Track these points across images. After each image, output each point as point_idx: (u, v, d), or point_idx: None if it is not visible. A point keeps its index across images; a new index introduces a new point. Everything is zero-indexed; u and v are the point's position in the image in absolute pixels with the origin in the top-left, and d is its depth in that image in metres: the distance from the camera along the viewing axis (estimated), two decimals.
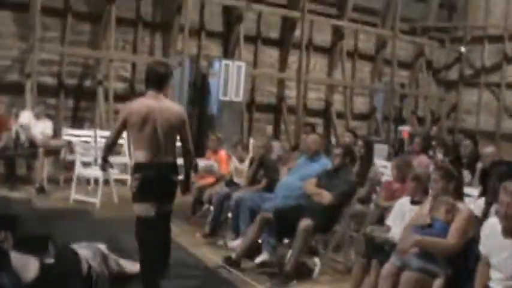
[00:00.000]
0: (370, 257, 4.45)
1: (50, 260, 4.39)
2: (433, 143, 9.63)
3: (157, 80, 4.81)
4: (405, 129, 13.50)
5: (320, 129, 13.90)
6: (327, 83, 14.18)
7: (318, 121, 14.07)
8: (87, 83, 11.38)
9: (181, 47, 11.71)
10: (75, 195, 8.45)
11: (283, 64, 13.43)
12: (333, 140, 13.24)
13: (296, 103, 13.23)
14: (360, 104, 14.99)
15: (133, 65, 11.83)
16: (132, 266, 5.13)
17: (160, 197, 4.65)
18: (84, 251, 4.75)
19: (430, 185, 4.40)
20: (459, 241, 4.06)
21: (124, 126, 4.68)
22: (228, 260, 5.66)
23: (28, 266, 4.20)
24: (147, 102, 4.73)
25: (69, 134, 10.34)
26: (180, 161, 4.94)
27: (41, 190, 8.82)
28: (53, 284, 4.20)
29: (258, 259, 5.82)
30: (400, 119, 14.85)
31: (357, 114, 14.71)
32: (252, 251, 5.88)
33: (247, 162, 7.40)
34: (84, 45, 11.24)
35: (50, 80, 11.04)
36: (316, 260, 5.72)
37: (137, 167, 4.67)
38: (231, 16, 12.47)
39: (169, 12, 11.89)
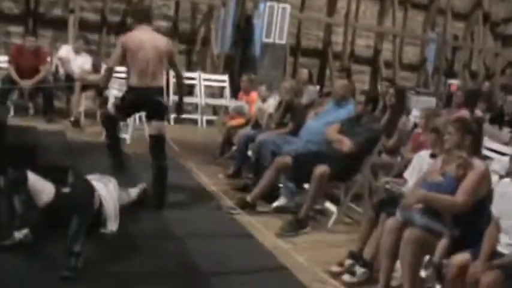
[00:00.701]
0: (379, 210, 4.26)
1: (66, 190, 4.39)
2: None
3: (148, 16, 5.75)
4: (454, 83, 13.03)
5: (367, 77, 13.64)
6: (376, 31, 13.71)
7: (365, 69, 13.75)
8: (130, 20, 11.29)
9: None
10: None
11: (331, 8, 13.02)
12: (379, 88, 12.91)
13: (342, 49, 12.93)
14: (410, 54, 14.46)
15: (177, 4, 11.68)
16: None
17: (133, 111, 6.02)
18: (97, 183, 4.75)
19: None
20: (467, 199, 3.75)
21: (122, 52, 5.40)
22: (242, 202, 5.59)
23: (44, 191, 4.24)
24: (140, 34, 5.50)
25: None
26: None
27: (76, 124, 8.90)
28: (63, 212, 4.19)
29: (275, 203, 5.74)
30: (451, 72, 14.33)
31: (406, 65, 14.21)
32: (270, 194, 5.80)
33: (271, 102, 7.23)
34: None
35: (92, 16, 11.04)
36: (334, 208, 5.58)
37: (129, 89, 5.52)
38: None
39: None
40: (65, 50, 9.42)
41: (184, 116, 10.56)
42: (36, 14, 10.67)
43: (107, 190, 4.71)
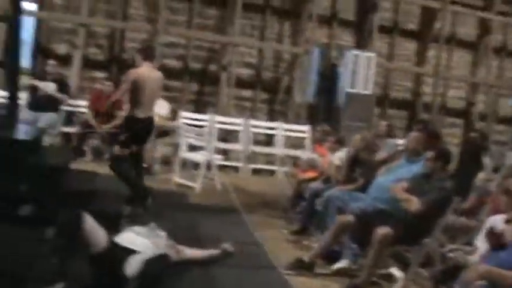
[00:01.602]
0: (440, 281, 3.73)
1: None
2: None
3: (152, 55, 6.66)
4: None
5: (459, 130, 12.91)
6: (469, 81, 13.02)
7: (457, 121, 13.03)
8: (212, 67, 11.29)
9: (310, 35, 11.29)
10: (178, 178, 8.37)
11: (420, 58, 12.51)
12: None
13: (432, 100, 12.34)
14: (507, 106, 13.62)
15: (260, 52, 11.56)
16: (193, 253, 4.86)
17: (139, 143, 6.46)
18: (143, 240, 4.42)
19: None
20: None
21: (131, 86, 6.19)
22: (299, 262, 5.15)
23: (98, 238, 4.00)
24: (145, 70, 6.32)
25: (186, 117, 10.34)
26: None
27: (148, 170, 8.81)
28: (113, 266, 3.96)
29: (336, 265, 5.28)
30: None
31: (501, 118, 13.37)
32: (331, 254, 5.36)
33: (339, 155, 6.82)
34: (210, 29, 11.15)
35: (174, 63, 11.09)
36: (400, 274, 5.06)
37: (133, 121, 6.25)
38: (365, 4, 11.79)
39: None
40: None
41: (261, 166, 10.46)
42: (120, 60, 10.83)
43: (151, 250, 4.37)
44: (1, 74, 8.87)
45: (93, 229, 3.98)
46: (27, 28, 10.41)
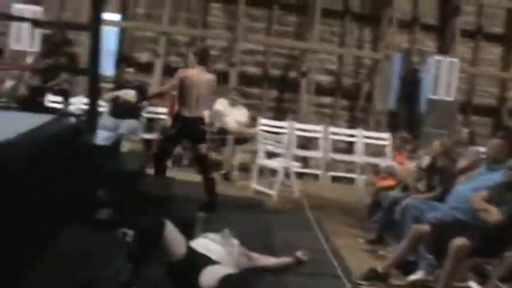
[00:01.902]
0: None
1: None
2: None
3: (207, 59, 6.77)
4: None
5: None
6: None
7: None
8: (291, 74, 11.28)
9: (390, 41, 11.10)
10: (256, 185, 8.38)
11: (506, 62, 12.03)
12: None
13: None
14: None
15: (340, 58, 11.45)
16: (266, 260, 4.82)
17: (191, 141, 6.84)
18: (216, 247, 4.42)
19: None
20: None
21: (177, 84, 6.54)
22: (373, 273, 5.03)
23: (179, 245, 3.98)
24: (195, 72, 6.56)
25: (265, 124, 10.37)
26: None
27: (226, 177, 8.88)
28: (191, 274, 3.92)
29: (412, 276, 5.12)
30: None
31: None
32: (406, 265, 5.21)
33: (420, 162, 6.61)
34: (289, 36, 11.15)
35: (254, 70, 11.15)
36: (478, 287, 4.86)
37: (179, 118, 6.59)
38: (448, 8, 11.46)
39: (379, 3, 11.30)
40: (221, 103, 9.53)
41: (341, 174, 10.33)
42: None
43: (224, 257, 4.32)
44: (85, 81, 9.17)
45: (174, 237, 3.95)
46: (111, 38, 10.81)
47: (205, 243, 4.27)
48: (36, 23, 7.33)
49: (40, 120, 5.32)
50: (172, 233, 3.93)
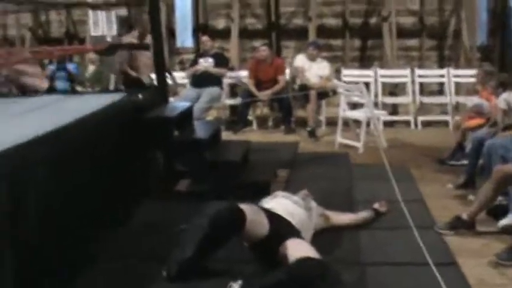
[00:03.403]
0: None
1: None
2: None
3: None
4: None
5: None
6: None
7: None
8: (373, 20, 10.88)
9: None
10: (340, 138, 8.20)
11: None
12: None
13: None
14: None
15: None
16: (343, 217, 4.69)
17: None
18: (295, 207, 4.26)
19: None
20: None
21: None
22: (458, 220, 4.75)
23: (260, 228, 3.64)
24: None
25: (349, 74, 10.11)
26: None
27: (312, 134, 8.75)
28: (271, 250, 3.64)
29: (502, 222, 4.79)
30: None
31: None
32: (495, 210, 4.90)
33: (504, 98, 6.16)
34: None
35: (333, 21, 10.85)
36: None
37: None
38: None
39: None
40: (300, 59, 9.37)
41: (432, 117, 9.90)
42: (278, 26, 10.83)
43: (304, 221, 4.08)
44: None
45: (255, 223, 3.59)
46: (187, 8, 10.86)
47: (286, 205, 4.11)
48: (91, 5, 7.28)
49: (109, 100, 5.42)
50: (253, 220, 3.57)
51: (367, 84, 9.33)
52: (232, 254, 3.72)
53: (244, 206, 3.57)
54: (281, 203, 4.13)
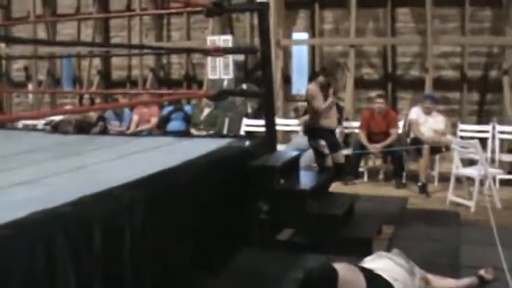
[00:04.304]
0: None
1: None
2: None
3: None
4: None
5: None
6: None
7: None
8: (493, 73, 10.51)
9: None
10: (452, 196, 7.89)
11: None
12: None
13: None
14: None
15: None
16: (444, 283, 4.45)
17: None
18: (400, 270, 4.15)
19: None
20: None
21: None
22: None
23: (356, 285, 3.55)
24: None
25: (465, 129, 9.78)
26: None
27: (423, 189, 8.49)
28: None
29: None
30: None
31: None
32: None
33: None
34: (486, 32, 10.40)
35: (451, 73, 10.59)
36: None
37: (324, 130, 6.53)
38: None
39: None
40: (415, 112, 9.18)
41: None
42: (395, 77, 10.72)
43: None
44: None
45: (349, 282, 3.48)
46: (304, 56, 11.01)
47: (389, 267, 3.97)
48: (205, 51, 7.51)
49: (216, 145, 5.56)
50: (347, 280, 3.46)
51: (484, 140, 8.97)
52: None
53: (338, 266, 3.49)
54: (385, 264, 4.00)
